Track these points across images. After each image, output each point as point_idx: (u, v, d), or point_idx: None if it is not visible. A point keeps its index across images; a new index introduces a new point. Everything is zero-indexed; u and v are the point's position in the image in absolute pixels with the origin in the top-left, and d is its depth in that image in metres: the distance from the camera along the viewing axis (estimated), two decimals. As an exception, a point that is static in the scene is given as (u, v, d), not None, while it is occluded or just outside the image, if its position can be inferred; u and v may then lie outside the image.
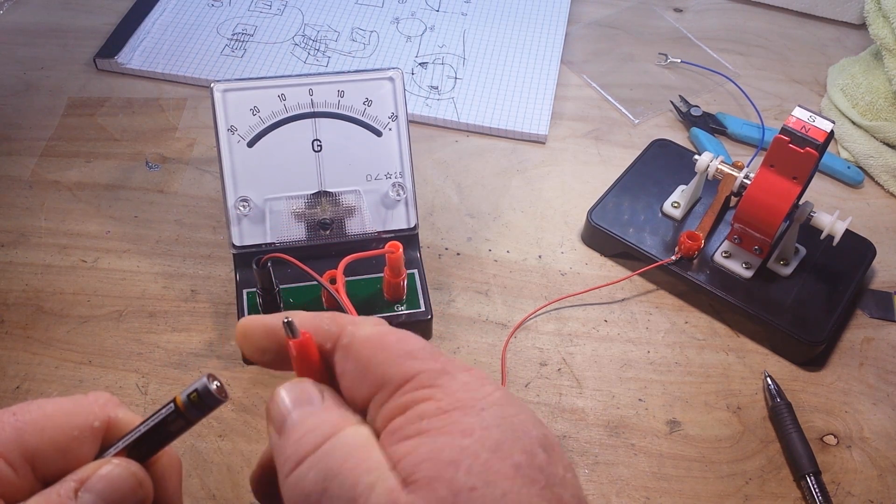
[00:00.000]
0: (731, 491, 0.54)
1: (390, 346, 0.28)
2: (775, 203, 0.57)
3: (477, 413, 0.27)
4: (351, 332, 0.30)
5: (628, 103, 0.78)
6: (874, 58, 0.76)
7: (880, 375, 0.60)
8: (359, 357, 0.29)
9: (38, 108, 0.75)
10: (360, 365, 0.29)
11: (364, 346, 0.29)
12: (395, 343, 0.29)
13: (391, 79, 0.58)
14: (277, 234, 0.57)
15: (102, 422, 0.30)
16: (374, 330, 0.29)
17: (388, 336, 0.29)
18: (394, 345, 0.29)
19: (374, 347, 0.29)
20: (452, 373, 0.28)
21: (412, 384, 0.27)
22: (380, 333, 0.29)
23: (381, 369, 0.28)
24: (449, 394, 0.27)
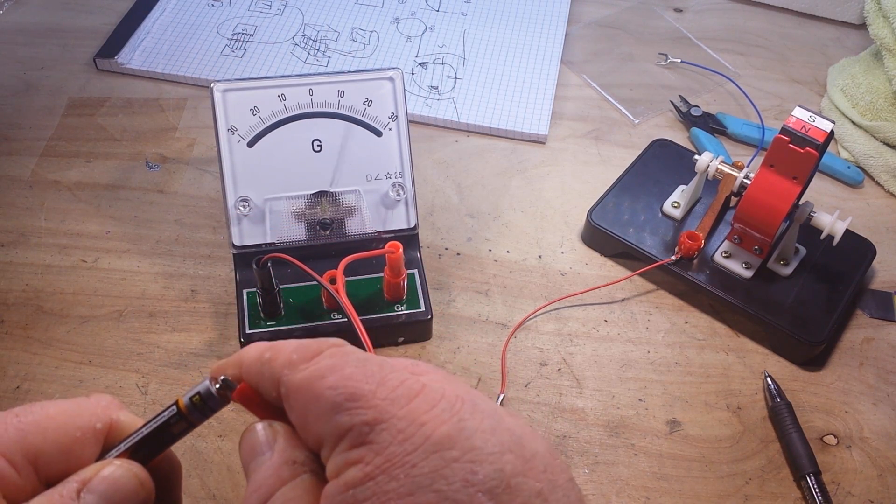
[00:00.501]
0: (731, 491, 0.54)
1: (322, 396, 0.27)
2: (775, 203, 0.57)
3: (405, 473, 0.25)
4: (287, 380, 0.28)
5: (628, 103, 0.78)
6: (874, 58, 0.76)
7: (880, 375, 0.60)
8: (297, 409, 0.28)
9: (38, 108, 0.75)
10: (300, 417, 0.28)
11: (297, 400, 0.28)
12: (327, 391, 0.26)
13: (391, 79, 0.58)
14: (277, 234, 0.57)
15: (104, 424, 0.30)
16: (304, 376, 0.27)
17: (321, 382, 0.27)
18: (325, 394, 0.26)
19: (306, 400, 0.27)
20: (387, 420, 0.26)
21: (344, 444, 0.26)
22: (310, 380, 0.27)
23: (315, 426, 0.27)
24: (378, 452, 0.25)
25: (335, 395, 0.26)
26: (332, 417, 0.26)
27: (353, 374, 0.27)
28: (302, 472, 0.28)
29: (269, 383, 0.29)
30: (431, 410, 0.26)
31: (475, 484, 0.25)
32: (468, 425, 0.26)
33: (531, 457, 0.26)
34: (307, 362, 0.28)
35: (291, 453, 0.29)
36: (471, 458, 0.25)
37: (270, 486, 0.28)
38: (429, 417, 0.26)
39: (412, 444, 0.25)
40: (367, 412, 0.26)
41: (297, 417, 0.28)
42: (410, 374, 0.28)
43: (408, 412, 0.26)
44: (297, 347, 0.29)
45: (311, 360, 0.28)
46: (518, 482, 0.25)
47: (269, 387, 0.29)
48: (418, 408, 0.26)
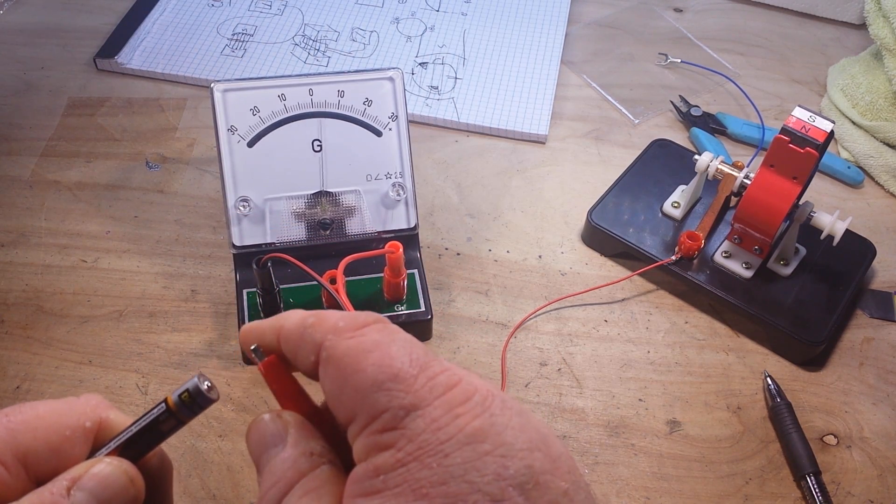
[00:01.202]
0: (731, 491, 0.54)
1: (364, 371, 0.26)
2: (775, 203, 0.57)
3: (438, 462, 0.25)
4: (330, 345, 0.28)
5: (628, 103, 0.78)
6: (874, 58, 0.76)
7: (880, 375, 0.60)
8: (335, 378, 0.27)
9: (38, 108, 0.75)
10: (336, 387, 0.27)
11: (339, 367, 0.27)
12: (370, 367, 0.26)
13: (391, 79, 0.58)
14: (277, 234, 0.57)
15: (94, 422, 0.30)
16: (349, 345, 0.27)
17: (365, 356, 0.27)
18: (368, 369, 0.26)
19: (348, 369, 0.27)
20: (423, 408, 0.26)
21: (378, 424, 0.26)
22: (356, 350, 0.27)
23: (351, 400, 0.27)
24: (411, 439, 0.25)
25: (378, 372, 0.26)
26: (370, 394, 0.26)
27: (399, 355, 0.27)
28: (321, 463, 0.28)
29: (310, 348, 0.28)
30: (466, 403, 0.26)
31: (506, 478, 0.25)
32: (499, 420, 0.26)
33: (557, 457, 0.26)
34: (353, 331, 0.28)
35: (307, 444, 0.28)
36: (502, 452, 0.25)
37: (290, 478, 0.27)
38: (463, 410, 0.26)
39: (446, 433, 0.25)
40: (407, 396, 0.26)
41: (333, 387, 0.27)
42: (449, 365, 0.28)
43: (444, 402, 0.26)
44: (344, 316, 0.28)
45: (358, 331, 0.28)
46: (546, 480, 0.26)
47: (308, 352, 0.28)
48: (454, 399, 0.26)
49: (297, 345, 0.29)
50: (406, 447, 0.25)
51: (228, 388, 0.57)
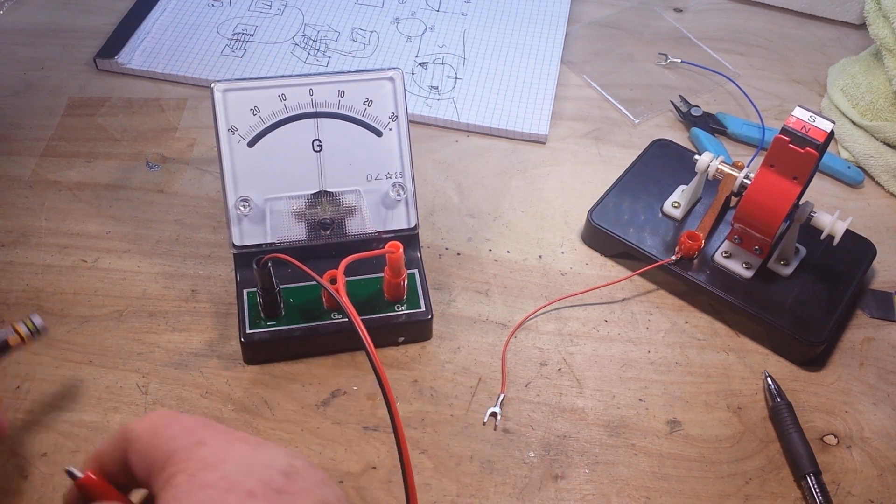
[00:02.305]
0: (732, 491, 0.54)
1: (159, 432, 0.34)
2: (775, 203, 0.57)
3: (218, 468, 0.32)
4: (132, 427, 0.35)
5: (628, 103, 0.78)
6: (874, 58, 0.76)
7: (880, 375, 0.60)
8: (138, 447, 0.34)
9: (38, 108, 0.75)
10: (140, 454, 0.34)
11: (141, 436, 0.34)
12: (163, 428, 0.34)
13: (391, 79, 0.58)
14: (278, 234, 0.57)
15: None
16: (147, 420, 0.35)
17: (157, 422, 0.34)
18: (161, 430, 0.34)
19: (148, 435, 0.34)
20: (206, 442, 0.33)
21: (172, 461, 0.33)
22: (152, 422, 0.34)
23: (151, 455, 0.34)
24: (197, 460, 0.32)
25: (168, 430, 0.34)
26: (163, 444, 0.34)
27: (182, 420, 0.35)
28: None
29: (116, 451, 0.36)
30: (237, 439, 0.34)
31: (273, 468, 0.33)
32: (263, 445, 0.34)
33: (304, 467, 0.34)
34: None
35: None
36: (267, 456, 0.33)
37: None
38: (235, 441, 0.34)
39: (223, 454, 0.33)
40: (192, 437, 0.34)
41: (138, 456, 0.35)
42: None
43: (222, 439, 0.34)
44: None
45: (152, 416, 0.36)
46: (300, 473, 0.33)
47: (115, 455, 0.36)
48: (233, 436, 0.35)
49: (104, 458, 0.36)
50: (193, 466, 0.32)
51: (228, 388, 0.57)
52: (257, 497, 0.31)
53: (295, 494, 0.32)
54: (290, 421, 0.55)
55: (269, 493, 0.32)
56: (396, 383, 0.58)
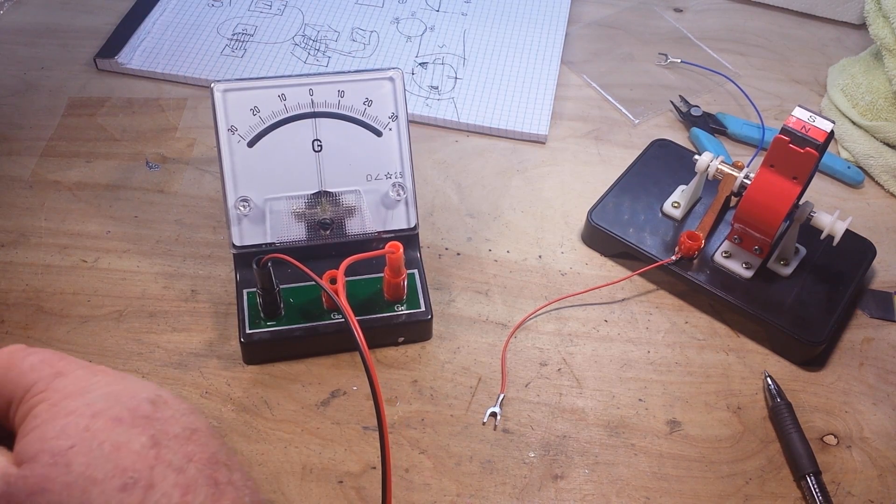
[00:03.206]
0: (732, 491, 0.54)
1: (14, 365, 0.33)
2: (775, 203, 0.57)
3: (82, 395, 0.32)
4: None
5: (628, 103, 0.78)
6: (874, 58, 0.76)
7: (880, 375, 0.60)
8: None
9: (38, 108, 0.75)
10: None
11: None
12: (19, 361, 0.33)
13: (391, 79, 0.58)
14: (277, 234, 0.57)
15: None
16: (2, 353, 0.34)
17: (14, 355, 0.33)
18: (17, 363, 0.33)
19: (2, 368, 0.33)
20: (66, 373, 0.33)
21: (31, 393, 0.32)
22: (6, 355, 0.33)
23: (7, 389, 0.33)
24: (59, 389, 0.32)
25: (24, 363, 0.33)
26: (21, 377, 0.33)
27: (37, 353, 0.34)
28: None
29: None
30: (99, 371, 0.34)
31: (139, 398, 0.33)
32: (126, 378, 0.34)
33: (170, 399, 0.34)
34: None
35: None
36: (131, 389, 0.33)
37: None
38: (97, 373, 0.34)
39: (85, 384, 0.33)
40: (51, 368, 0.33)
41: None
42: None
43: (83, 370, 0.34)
44: None
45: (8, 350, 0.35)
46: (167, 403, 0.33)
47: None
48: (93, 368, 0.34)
49: None
50: (55, 396, 0.32)
51: (228, 388, 0.57)
52: (125, 422, 0.31)
53: (163, 421, 0.32)
54: (290, 421, 0.55)
55: (137, 419, 0.31)
56: (396, 383, 0.58)
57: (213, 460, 0.32)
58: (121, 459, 0.30)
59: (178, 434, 0.32)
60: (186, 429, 0.32)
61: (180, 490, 0.30)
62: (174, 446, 0.31)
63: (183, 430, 0.32)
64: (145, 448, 0.31)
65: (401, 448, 0.54)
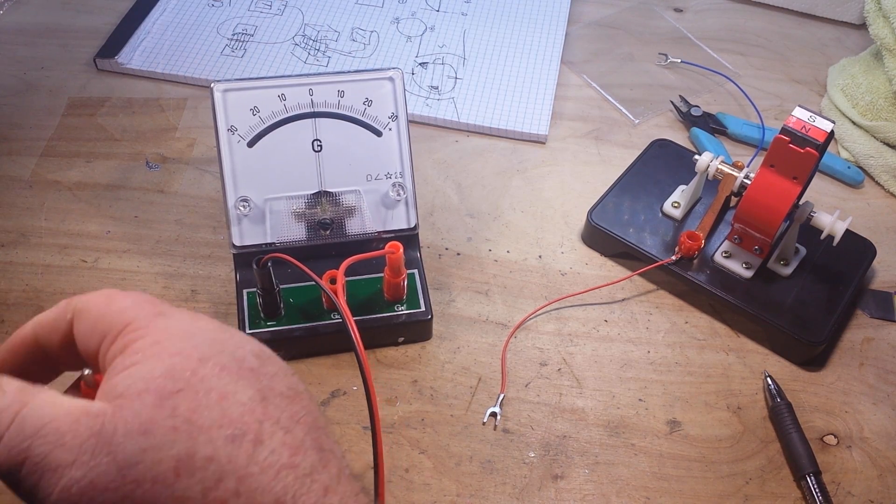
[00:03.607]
0: (731, 491, 0.54)
1: (114, 301, 0.32)
2: (775, 203, 0.57)
3: (188, 338, 0.30)
4: (80, 298, 0.33)
5: (628, 103, 0.78)
6: (874, 58, 0.76)
7: (880, 375, 0.60)
8: (87, 316, 0.32)
9: (38, 108, 0.75)
10: (90, 322, 0.31)
11: (92, 306, 0.32)
12: (119, 298, 0.32)
13: (391, 79, 0.58)
14: (277, 234, 0.57)
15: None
16: (99, 292, 0.32)
17: (111, 293, 0.32)
18: (117, 300, 0.32)
19: (101, 304, 0.32)
20: (168, 314, 0.31)
21: (130, 328, 0.30)
22: (105, 293, 0.32)
23: (103, 323, 0.31)
24: (162, 329, 0.30)
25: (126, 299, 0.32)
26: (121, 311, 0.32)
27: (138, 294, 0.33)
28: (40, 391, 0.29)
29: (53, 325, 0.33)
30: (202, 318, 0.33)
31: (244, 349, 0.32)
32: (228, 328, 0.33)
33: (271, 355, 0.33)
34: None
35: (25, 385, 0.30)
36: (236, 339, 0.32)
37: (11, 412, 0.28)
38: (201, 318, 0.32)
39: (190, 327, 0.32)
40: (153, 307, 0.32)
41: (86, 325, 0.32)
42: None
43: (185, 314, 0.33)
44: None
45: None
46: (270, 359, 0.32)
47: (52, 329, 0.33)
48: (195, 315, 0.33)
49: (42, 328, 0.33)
50: (157, 333, 0.30)
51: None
52: (231, 372, 0.29)
53: (269, 377, 0.30)
54: (290, 421, 0.55)
55: (244, 371, 0.30)
56: (396, 383, 0.58)
57: (316, 425, 0.31)
58: (229, 409, 0.28)
59: (283, 393, 0.30)
60: (290, 389, 0.31)
61: (289, 450, 0.29)
62: (281, 404, 0.30)
63: (287, 389, 0.31)
64: (253, 401, 0.29)
65: (401, 448, 0.54)
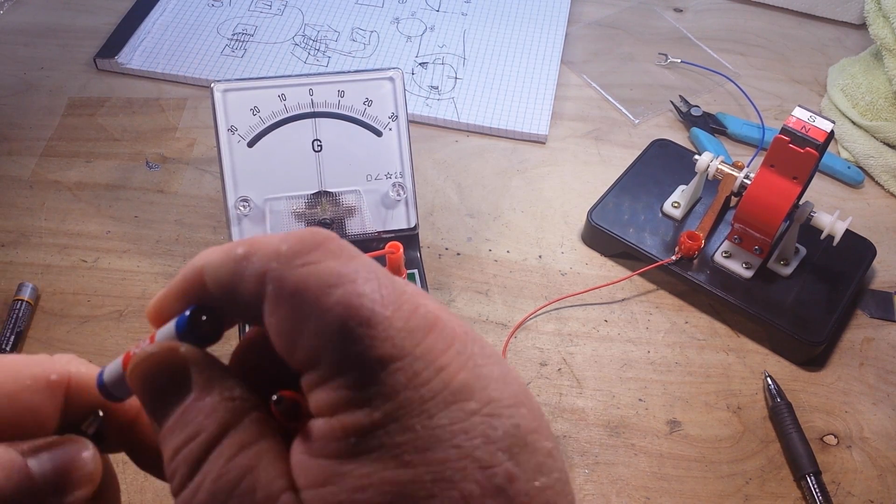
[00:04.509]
0: (731, 491, 0.54)
1: (328, 311, 0.22)
2: (775, 203, 0.57)
3: (422, 424, 0.21)
4: (277, 276, 0.23)
5: (628, 103, 0.78)
6: (874, 58, 0.76)
7: (880, 375, 0.60)
8: (287, 319, 0.22)
9: (38, 108, 0.75)
10: (289, 329, 0.22)
11: (294, 305, 0.22)
12: (336, 307, 0.22)
13: (391, 79, 0.58)
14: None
15: (61, 375, 0.27)
16: (303, 276, 0.22)
17: (327, 292, 0.22)
18: (333, 309, 0.22)
19: (306, 308, 0.22)
20: (402, 358, 0.22)
21: (348, 378, 0.22)
22: (316, 284, 0.22)
23: (311, 345, 0.22)
24: (390, 396, 0.21)
25: (346, 315, 0.22)
26: (338, 342, 0.22)
27: (368, 291, 0.22)
28: (247, 411, 0.23)
29: (250, 284, 0.23)
30: (448, 351, 0.22)
31: (495, 440, 0.21)
32: (484, 372, 0.22)
33: (539, 412, 0.23)
34: (303, 256, 0.23)
35: (223, 386, 0.23)
36: (489, 411, 0.22)
37: (212, 432, 0.22)
38: (446, 360, 0.22)
39: (430, 390, 0.21)
40: (383, 345, 0.21)
41: (286, 328, 0.23)
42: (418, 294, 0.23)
43: (425, 351, 0.22)
44: (285, 237, 0.23)
45: (309, 255, 0.23)
46: (533, 440, 0.22)
47: (248, 289, 0.23)
48: (435, 346, 0.22)
49: (231, 286, 0.23)
50: (384, 406, 0.21)
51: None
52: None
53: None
54: (290, 421, 0.55)
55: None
56: (396, 383, 0.58)
57: None
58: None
59: None
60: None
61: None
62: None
63: None
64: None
65: (401, 448, 0.54)
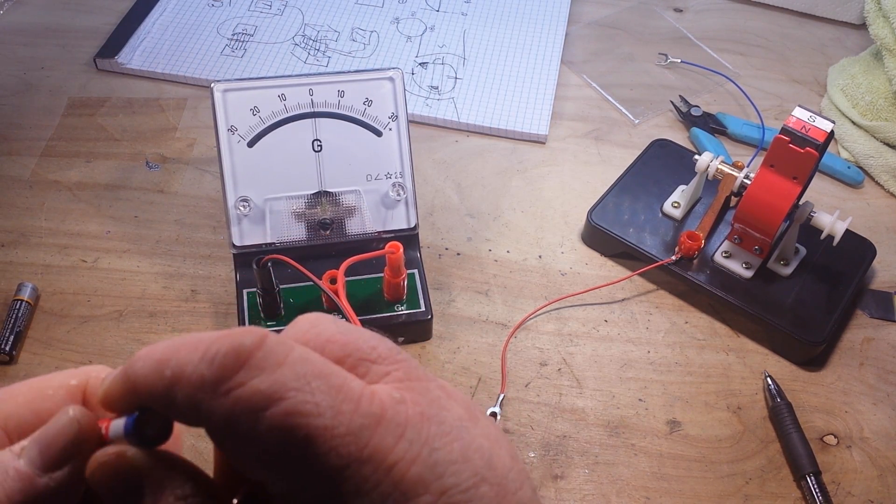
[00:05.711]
0: (731, 491, 0.54)
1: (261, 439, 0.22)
2: (775, 203, 0.57)
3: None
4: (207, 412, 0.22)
5: (628, 103, 0.78)
6: (874, 58, 0.76)
7: (880, 375, 0.60)
8: (227, 449, 0.23)
9: (38, 108, 0.75)
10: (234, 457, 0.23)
11: (227, 436, 0.22)
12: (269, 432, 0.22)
13: (391, 79, 0.58)
14: (277, 234, 0.57)
15: (80, 379, 0.27)
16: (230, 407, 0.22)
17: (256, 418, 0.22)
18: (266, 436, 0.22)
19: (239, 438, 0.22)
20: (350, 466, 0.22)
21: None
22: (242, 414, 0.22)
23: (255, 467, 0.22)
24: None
25: (283, 440, 0.21)
26: (281, 466, 0.22)
27: (300, 406, 0.21)
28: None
29: (185, 410, 0.22)
30: (399, 444, 0.22)
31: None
32: (440, 457, 0.22)
33: (503, 478, 0.24)
34: (228, 380, 0.22)
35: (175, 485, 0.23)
36: (444, 501, 0.22)
37: None
38: (397, 456, 0.22)
39: (380, 494, 0.21)
40: (327, 458, 0.21)
41: (230, 454, 0.23)
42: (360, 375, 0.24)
43: (372, 452, 0.22)
44: (209, 350, 0.22)
45: (234, 376, 0.22)
46: None
47: (184, 413, 0.23)
48: (383, 443, 0.22)
49: (165, 406, 0.23)
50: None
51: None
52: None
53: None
54: (290, 421, 0.55)
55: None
56: (396, 383, 0.57)
57: None
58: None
59: None
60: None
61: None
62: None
63: None
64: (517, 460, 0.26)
65: (401, 448, 0.54)
